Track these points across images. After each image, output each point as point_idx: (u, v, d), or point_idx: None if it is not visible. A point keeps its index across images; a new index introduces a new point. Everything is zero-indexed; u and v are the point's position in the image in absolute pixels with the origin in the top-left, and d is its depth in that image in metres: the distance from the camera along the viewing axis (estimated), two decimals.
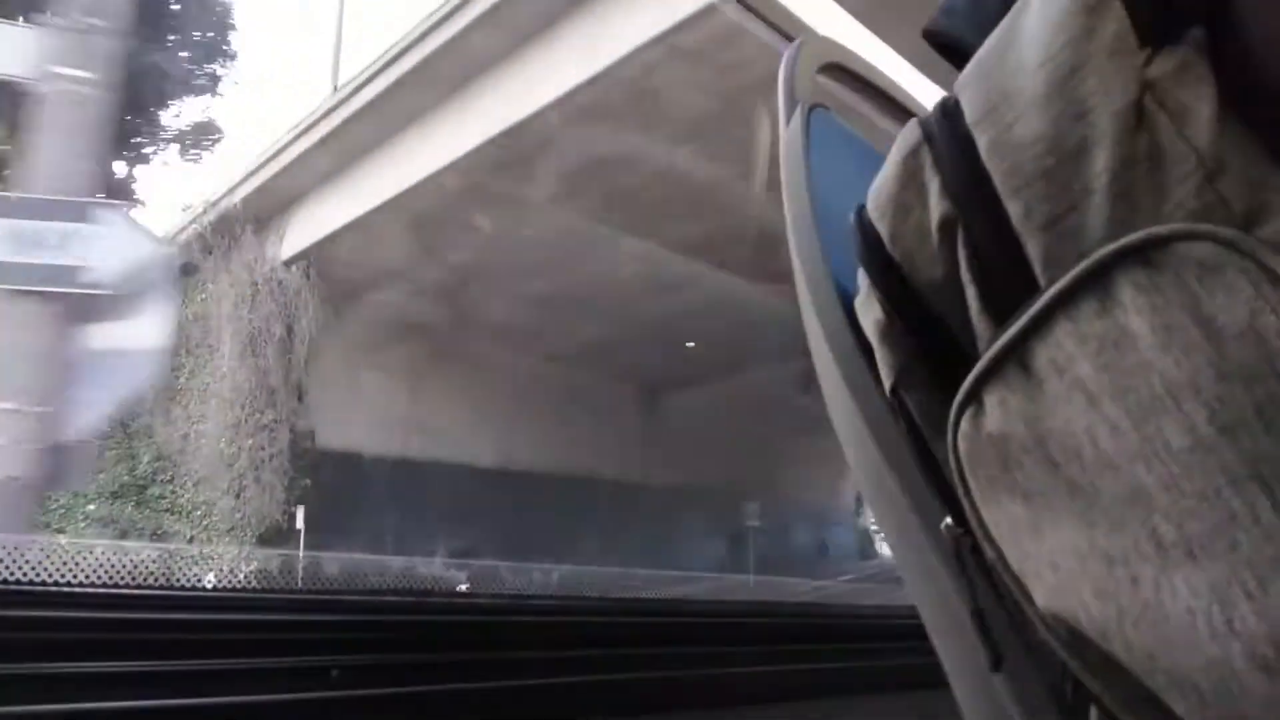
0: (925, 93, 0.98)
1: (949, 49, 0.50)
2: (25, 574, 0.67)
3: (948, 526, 0.44)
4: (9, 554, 0.65)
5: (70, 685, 0.58)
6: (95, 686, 0.59)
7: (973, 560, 0.44)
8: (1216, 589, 0.31)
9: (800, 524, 14.64)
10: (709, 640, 0.99)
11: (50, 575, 0.68)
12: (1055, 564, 0.36)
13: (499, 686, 0.74)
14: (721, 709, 0.90)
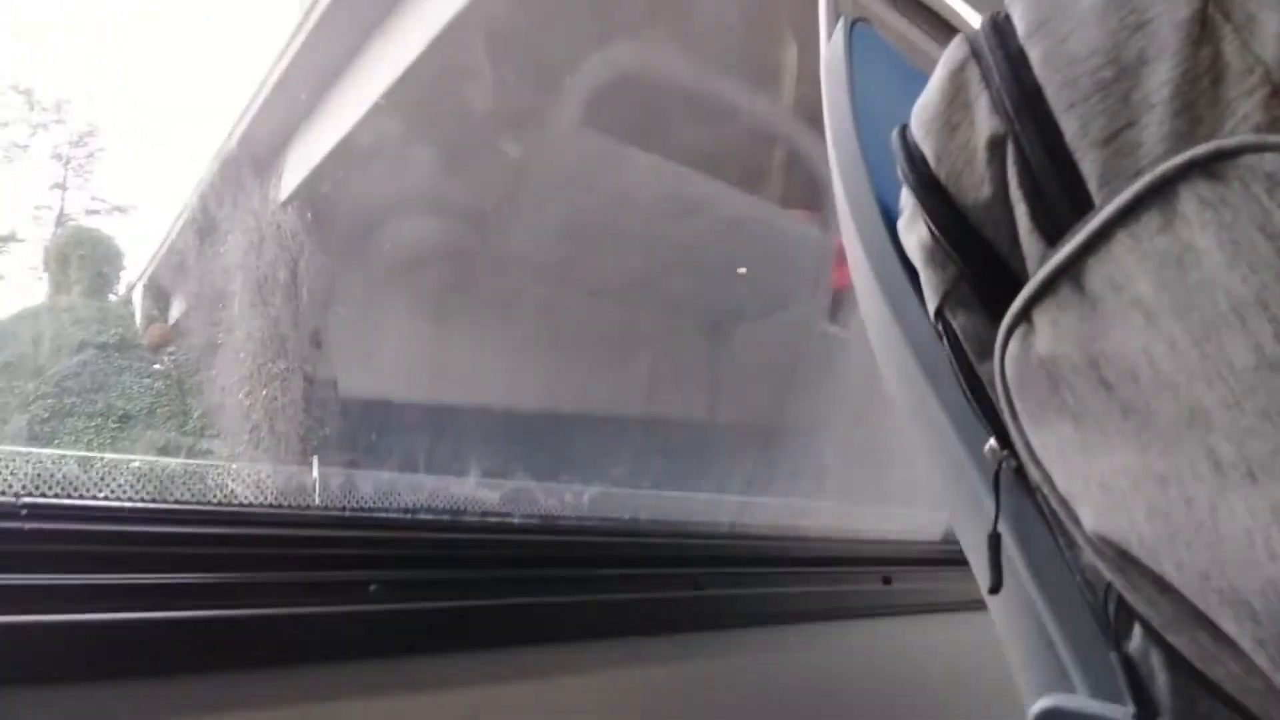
0: (970, 12, 0.95)
1: None
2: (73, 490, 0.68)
3: (991, 449, 0.43)
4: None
5: (115, 595, 0.60)
6: (136, 597, 0.61)
7: (1013, 482, 0.44)
8: (1277, 510, 0.30)
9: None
10: (753, 562, 1.01)
11: (93, 491, 0.69)
12: (1106, 485, 0.36)
13: (534, 603, 0.75)
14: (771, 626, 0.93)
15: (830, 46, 0.71)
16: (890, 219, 0.59)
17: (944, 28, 0.84)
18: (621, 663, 0.81)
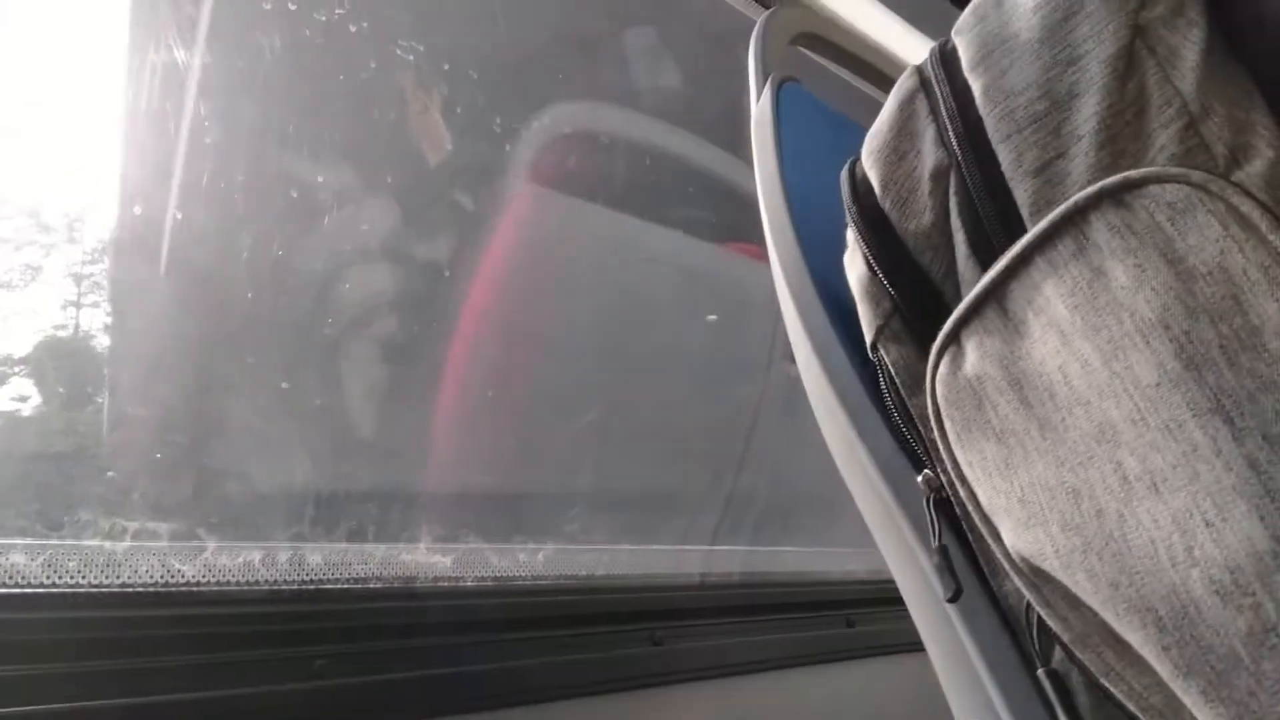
0: (911, 47, 0.99)
1: None
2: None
3: (925, 476, 0.45)
4: None
5: (57, 684, 0.58)
6: (74, 684, 0.59)
7: (940, 505, 0.46)
8: (1178, 519, 0.32)
9: None
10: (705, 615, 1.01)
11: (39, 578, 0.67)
12: (1025, 500, 0.38)
13: (488, 669, 0.74)
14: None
15: (759, 107, 0.73)
16: (819, 271, 0.61)
17: (879, 76, 0.87)
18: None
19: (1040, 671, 0.42)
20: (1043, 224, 0.37)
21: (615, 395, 1.18)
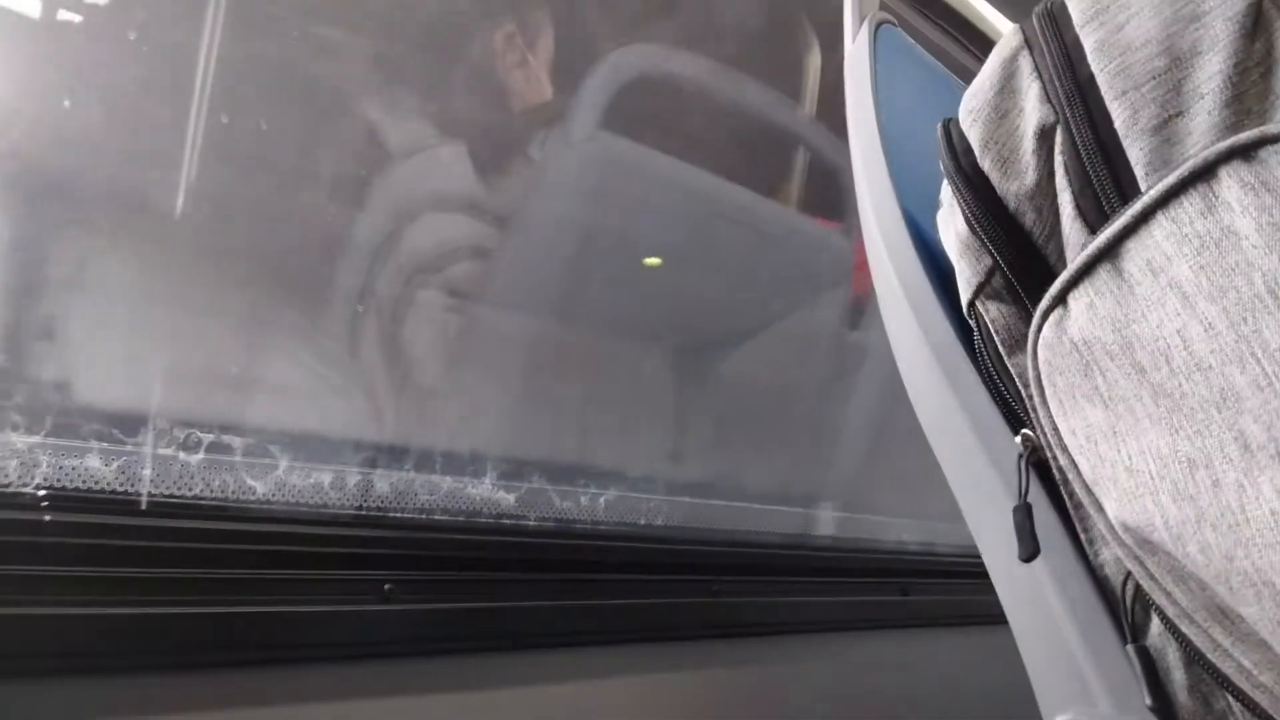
0: (997, 15, 0.94)
1: None
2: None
3: (1024, 435, 0.43)
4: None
5: (132, 588, 0.60)
6: (153, 590, 0.61)
7: (1037, 466, 0.44)
8: None
9: None
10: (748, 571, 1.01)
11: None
12: (1133, 469, 0.36)
13: (546, 605, 0.75)
14: (774, 636, 0.92)
15: (854, 48, 0.71)
16: (912, 220, 0.58)
17: (970, 31, 0.84)
18: (633, 669, 0.80)
19: (1129, 648, 0.41)
20: (1170, 179, 0.35)
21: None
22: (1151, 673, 0.41)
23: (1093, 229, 0.40)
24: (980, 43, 0.91)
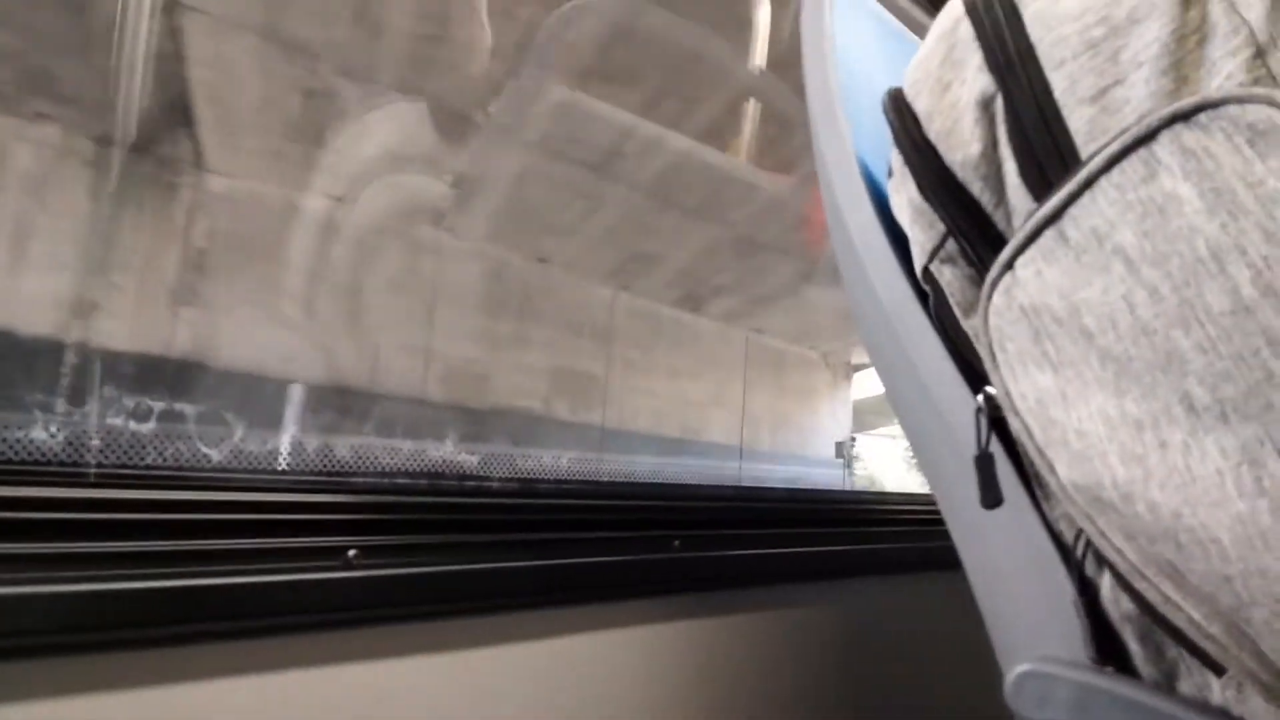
0: None
1: None
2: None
3: (986, 393, 0.44)
4: None
5: (78, 564, 0.59)
6: (98, 564, 0.59)
7: (995, 424, 0.46)
8: (1247, 449, 0.32)
9: None
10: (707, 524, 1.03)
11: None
12: (1081, 431, 0.37)
13: (510, 567, 0.76)
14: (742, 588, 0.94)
15: (810, 3, 0.70)
16: (871, 180, 0.59)
17: None
18: (600, 624, 0.82)
19: (1078, 601, 0.43)
20: (1112, 147, 0.36)
21: None
22: (1099, 625, 0.42)
23: (1037, 197, 0.41)
24: (937, 2, 0.91)
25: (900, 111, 0.48)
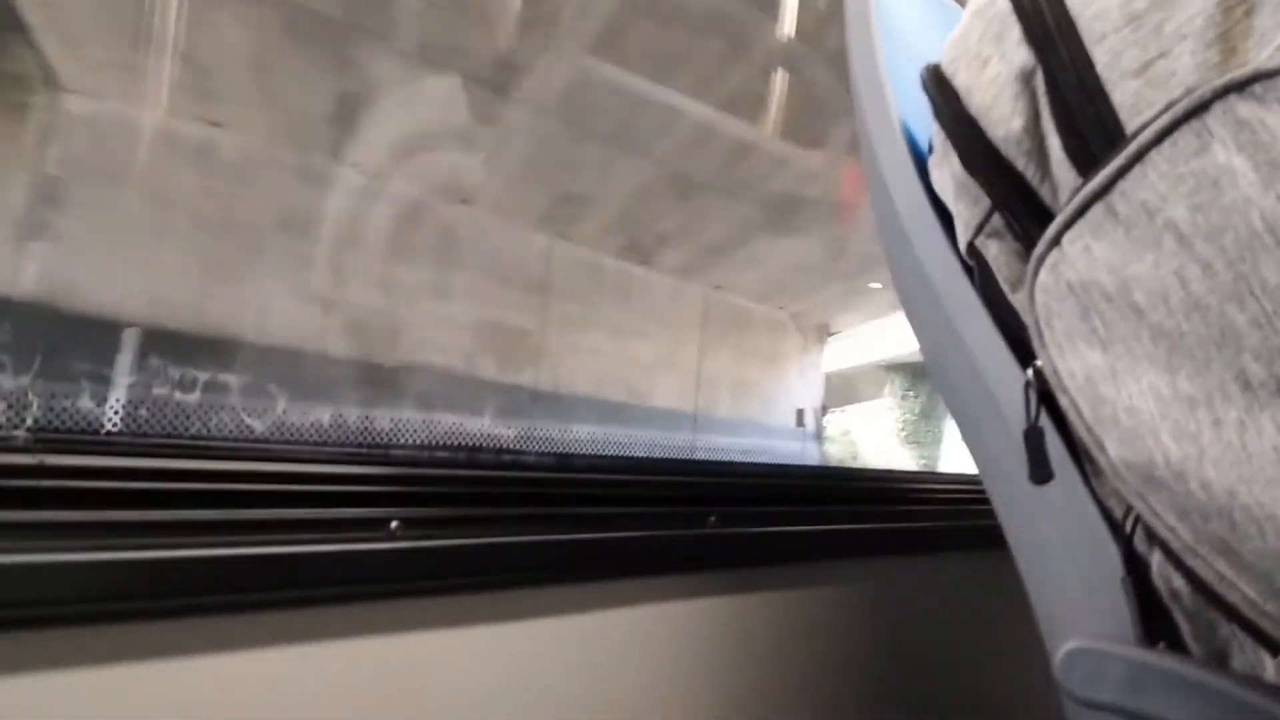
0: None
1: None
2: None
3: (1035, 367, 0.44)
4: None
5: (130, 532, 0.60)
6: (152, 533, 0.60)
7: (1044, 398, 0.45)
8: None
9: None
10: (752, 500, 1.03)
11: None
12: (1132, 409, 0.37)
13: (550, 540, 0.76)
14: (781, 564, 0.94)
15: None
16: (917, 153, 0.58)
17: None
18: (635, 600, 0.82)
19: (1128, 580, 0.42)
20: (1162, 120, 0.35)
21: None
22: (1148, 603, 0.42)
23: (1082, 172, 0.40)
24: None
25: (941, 86, 0.48)
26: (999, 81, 0.44)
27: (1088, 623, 0.44)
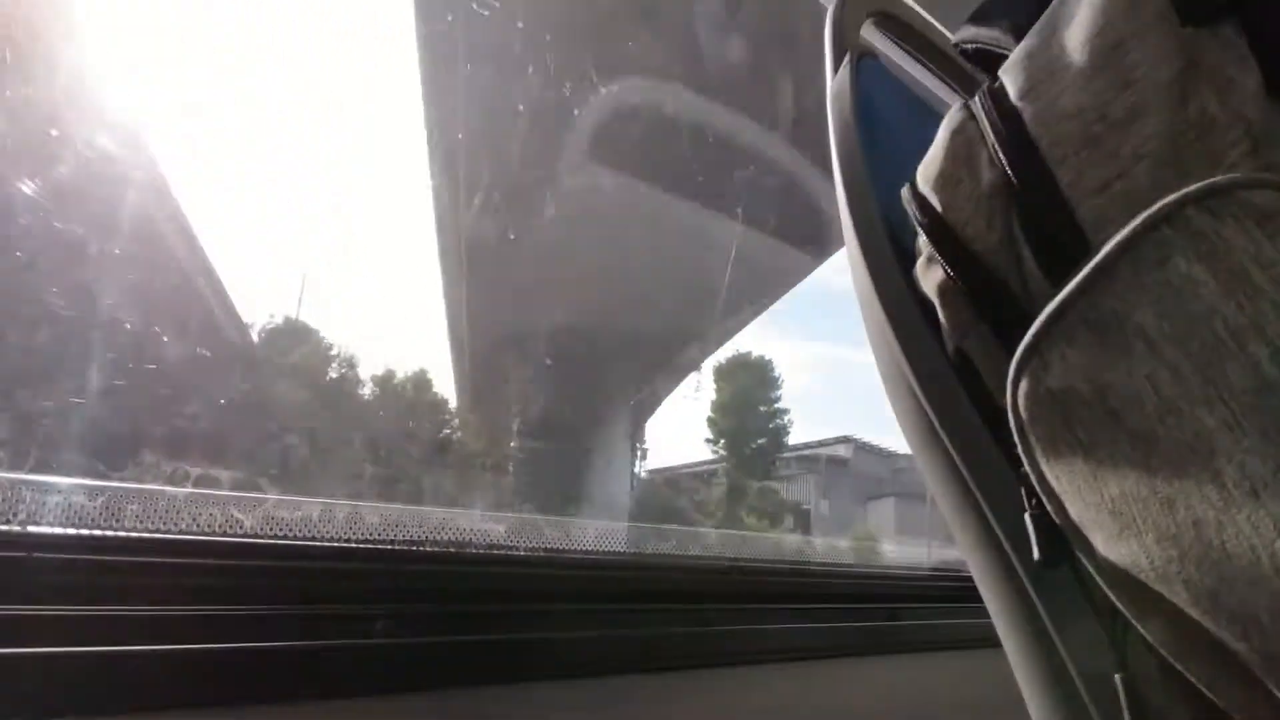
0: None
1: (979, 55, 0.52)
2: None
3: (1020, 474, 0.44)
4: None
5: (118, 628, 0.59)
6: (138, 630, 0.59)
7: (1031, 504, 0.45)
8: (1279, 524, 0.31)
9: None
10: (747, 598, 1.01)
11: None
12: (1116, 512, 0.37)
13: (535, 638, 0.75)
14: (760, 665, 0.92)
15: (837, 81, 0.71)
16: (901, 253, 0.59)
17: (950, 63, 0.85)
18: (617, 701, 0.80)
19: (1118, 677, 0.42)
20: (1124, 232, 0.37)
21: None
22: (1139, 705, 0.41)
23: (1054, 284, 0.41)
24: (961, 79, 0.92)
25: (921, 203, 0.50)
26: (972, 198, 0.46)
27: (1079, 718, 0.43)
